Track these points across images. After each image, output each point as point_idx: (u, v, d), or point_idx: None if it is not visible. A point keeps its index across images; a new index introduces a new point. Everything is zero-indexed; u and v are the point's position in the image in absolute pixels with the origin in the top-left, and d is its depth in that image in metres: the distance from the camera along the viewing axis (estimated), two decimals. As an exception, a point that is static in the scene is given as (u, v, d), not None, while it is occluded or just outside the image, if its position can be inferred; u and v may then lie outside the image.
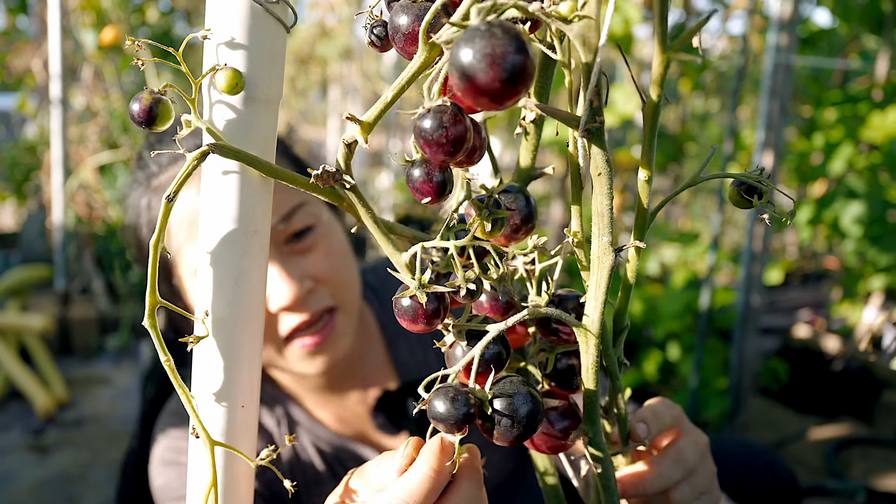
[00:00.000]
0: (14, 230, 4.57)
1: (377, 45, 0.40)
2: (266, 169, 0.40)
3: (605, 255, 0.38)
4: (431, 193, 0.37)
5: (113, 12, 2.93)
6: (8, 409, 2.37)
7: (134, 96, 0.38)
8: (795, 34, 1.69)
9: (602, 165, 0.36)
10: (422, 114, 0.34)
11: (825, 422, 2.29)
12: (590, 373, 0.41)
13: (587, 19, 0.32)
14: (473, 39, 0.28)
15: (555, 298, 0.42)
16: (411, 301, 0.38)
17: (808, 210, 2.25)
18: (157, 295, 0.39)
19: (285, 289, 0.74)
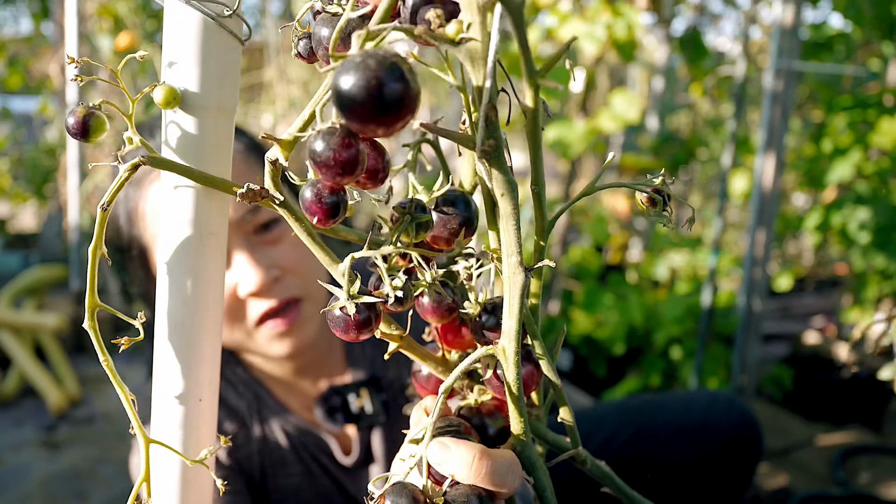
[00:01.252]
0: (35, 231, 4.66)
1: (304, 57, 0.41)
2: (200, 178, 0.42)
3: (515, 275, 0.38)
4: (321, 214, 0.37)
5: (129, 18, 2.98)
6: (22, 406, 2.43)
7: (69, 111, 0.40)
8: (798, 39, 1.68)
9: (503, 187, 0.35)
10: (312, 135, 0.34)
11: (833, 429, 2.27)
12: (513, 387, 0.41)
13: (473, 40, 0.32)
14: (348, 71, 0.29)
15: (488, 306, 0.43)
16: (341, 312, 0.39)
17: (816, 216, 2.23)
18: (97, 297, 0.41)
19: (253, 275, 0.78)
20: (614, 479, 0.51)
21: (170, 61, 0.41)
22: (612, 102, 2.00)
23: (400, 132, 0.31)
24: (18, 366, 2.48)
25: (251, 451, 0.92)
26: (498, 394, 0.44)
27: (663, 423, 1.17)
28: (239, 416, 0.92)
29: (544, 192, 0.39)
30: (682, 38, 2.60)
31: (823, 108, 2.57)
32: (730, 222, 4.45)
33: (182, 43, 0.41)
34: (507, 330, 0.39)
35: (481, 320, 0.43)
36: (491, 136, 0.34)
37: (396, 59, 0.29)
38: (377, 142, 0.38)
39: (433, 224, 0.40)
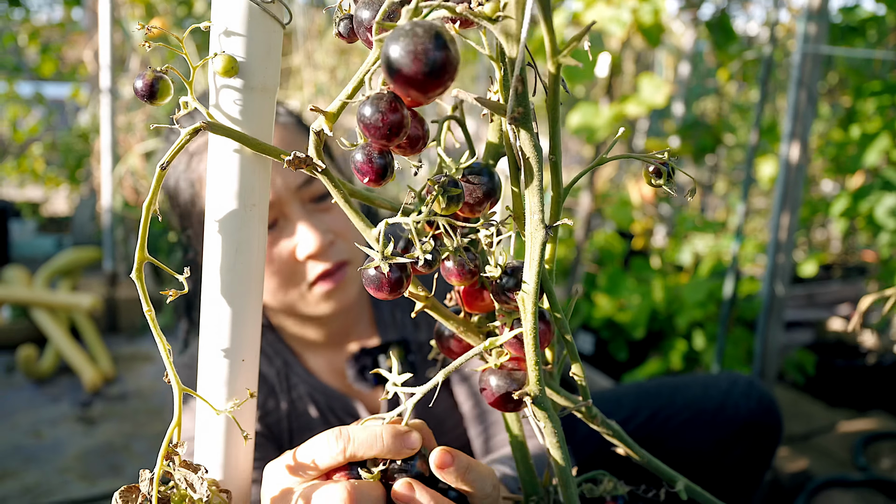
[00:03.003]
0: (68, 214, 4.78)
1: (344, 37, 0.44)
2: (253, 145, 0.45)
3: (536, 231, 0.41)
4: (372, 174, 0.41)
5: (160, 4, 3.04)
6: (58, 383, 2.51)
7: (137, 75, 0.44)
8: (826, 23, 1.67)
9: (529, 150, 0.39)
10: (362, 101, 0.38)
11: (855, 416, 2.27)
12: (529, 336, 0.44)
13: (508, 18, 0.35)
14: (398, 38, 0.32)
15: (508, 269, 0.46)
16: (376, 272, 0.42)
17: (843, 202, 2.22)
18: (146, 251, 0.45)
19: (312, 239, 0.85)
20: (625, 437, 0.54)
21: (218, 41, 0.45)
22: (639, 87, 2.01)
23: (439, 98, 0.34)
24: (54, 344, 2.57)
25: (280, 417, 0.96)
26: (515, 351, 0.47)
27: (682, 406, 1.18)
28: (268, 383, 0.97)
29: (560, 161, 0.42)
30: (709, 22, 2.58)
31: (852, 93, 2.54)
32: (756, 208, 4.42)
33: (229, 26, 0.44)
34: (527, 281, 0.42)
35: (502, 282, 0.45)
36: (520, 104, 0.37)
37: (441, 28, 0.32)
38: (418, 112, 0.41)
39: (463, 197, 0.43)
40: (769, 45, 1.77)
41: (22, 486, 1.83)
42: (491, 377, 0.48)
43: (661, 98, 1.88)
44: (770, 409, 1.16)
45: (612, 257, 2.40)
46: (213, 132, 0.43)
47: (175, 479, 0.44)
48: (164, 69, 0.43)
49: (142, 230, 0.43)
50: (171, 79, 0.44)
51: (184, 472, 0.44)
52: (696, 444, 1.15)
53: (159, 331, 0.44)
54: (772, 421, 1.16)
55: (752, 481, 1.20)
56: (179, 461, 0.44)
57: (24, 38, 4.81)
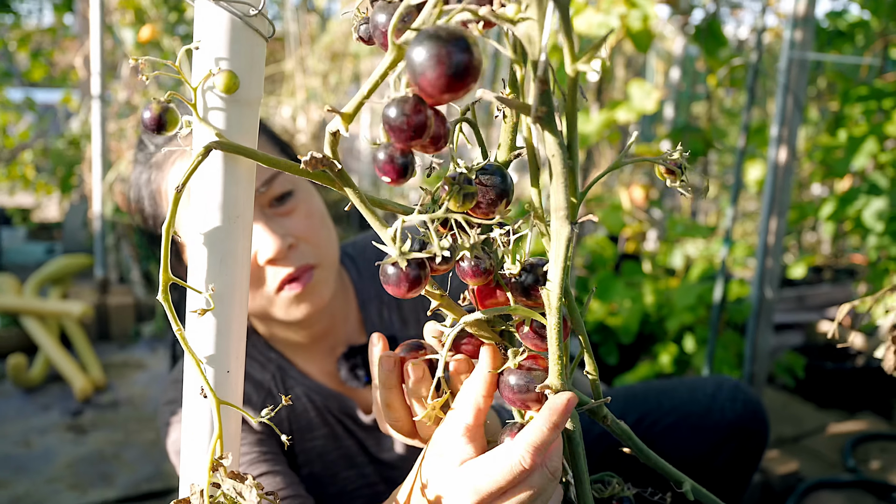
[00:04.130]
0: (58, 221, 4.76)
1: (364, 40, 0.45)
2: (263, 159, 0.46)
3: (561, 228, 0.41)
4: (393, 174, 0.41)
5: (151, 10, 3.04)
6: (48, 391, 2.50)
7: (144, 106, 0.44)
8: (811, 30, 1.69)
9: (554, 148, 0.39)
10: (387, 103, 0.38)
11: (845, 417, 2.28)
12: (553, 331, 0.45)
13: (530, 20, 0.37)
14: (423, 42, 0.33)
15: (527, 266, 0.47)
16: (395, 268, 0.43)
17: (831, 205, 2.24)
18: (170, 273, 0.45)
19: (270, 243, 0.84)
20: (633, 437, 0.55)
21: (201, 57, 0.45)
22: (629, 93, 2.02)
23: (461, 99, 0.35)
24: (44, 352, 2.56)
25: (280, 418, 0.98)
26: (532, 345, 0.48)
27: (669, 409, 1.19)
28: (265, 387, 0.98)
29: (577, 165, 0.43)
30: (698, 27, 2.60)
31: (839, 98, 2.56)
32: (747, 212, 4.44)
33: (212, 40, 0.45)
34: (552, 277, 0.43)
35: (521, 279, 0.46)
36: (544, 104, 0.38)
37: (464, 32, 0.33)
38: (440, 111, 0.42)
39: (477, 194, 0.44)
40: (756, 51, 1.79)
41: (11, 496, 1.82)
42: (510, 376, 0.48)
43: (651, 104, 1.89)
44: (756, 412, 1.17)
45: (604, 262, 2.41)
46: (222, 150, 0.43)
47: (223, 489, 0.45)
48: (168, 98, 0.44)
49: (164, 252, 0.43)
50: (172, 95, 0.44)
51: (231, 482, 0.45)
52: (683, 447, 1.16)
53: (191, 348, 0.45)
54: (758, 424, 1.17)
55: (740, 484, 1.21)
56: (225, 472, 0.45)
57: (14, 43, 4.80)
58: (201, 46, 0.45)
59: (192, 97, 0.45)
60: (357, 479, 1.02)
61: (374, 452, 1.03)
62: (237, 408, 0.48)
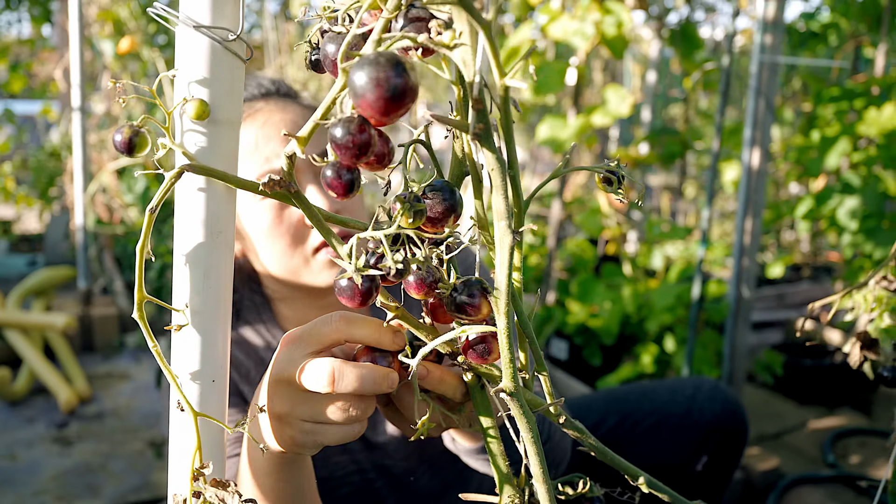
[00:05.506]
0: (40, 232, 4.72)
1: (315, 69, 0.48)
2: (231, 180, 0.48)
3: (504, 236, 0.43)
4: (340, 189, 0.44)
5: (130, 21, 3.04)
6: (33, 404, 2.49)
7: (116, 129, 0.46)
8: (781, 34, 1.73)
9: (493, 162, 0.42)
10: (333, 123, 0.41)
11: (825, 413, 2.32)
12: (503, 336, 0.46)
13: (464, 45, 0.39)
14: (363, 67, 0.36)
15: (457, 286, 0.49)
16: (348, 282, 0.46)
17: (806, 204, 2.28)
18: (144, 291, 0.47)
19: (322, 204, 0.90)
20: (589, 436, 0.57)
21: (183, 80, 0.47)
22: (605, 97, 2.05)
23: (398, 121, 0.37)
24: (28, 365, 2.54)
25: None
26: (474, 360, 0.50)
27: (649, 411, 1.22)
28: (266, 363, 1.01)
29: (518, 174, 0.46)
30: (673, 31, 2.64)
31: (812, 99, 2.62)
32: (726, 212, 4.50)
33: (192, 64, 0.47)
34: (499, 283, 0.45)
35: (455, 295, 0.48)
36: (481, 121, 0.40)
37: (400, 58, 0.36)
38: (383, 131, 0.45)
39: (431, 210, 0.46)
40: (727, 55, 1.83)
41: (-2, 510, 1.82)
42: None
43: (625, 108, 1.92)
44: (735, 411, 1.20)
45: (584, 264, 2.44)
46: (195, 173, 0.45)
47: (206, 497, 0.46)
48: (141, 122, 0.46)
49: (138, 271, 0.45)
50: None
51: (213, 490, 0.47)
52: (664, 448, 1.19)
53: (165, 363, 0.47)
54: (737, 423, 1.20)
55: (721, 483, 1.23)
56: (206, 481, 0.46)
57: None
58: (182, 69, 0.47)
59: (167, 120, 0.47)
60: (348, 465, 1.03)
61: (369, 436, 1.04)
62: (218, 422, 0.49)
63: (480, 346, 0.50)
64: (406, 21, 0.43)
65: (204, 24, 0.45)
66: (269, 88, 1.02)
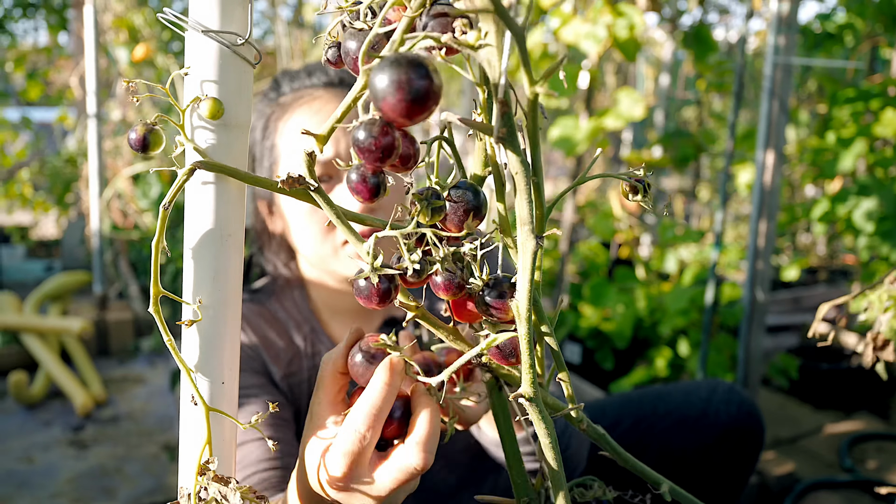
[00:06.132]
0: (57, 238, 4.78)
1: (332, 62, 0.47)
2: (244, 177, 0.48)
3: (526, 241, 0.43)
4: (366, 193, 0.44)
5: (145, 29, 3.07)
6: (50, 407, 2.51)
7: (131, 128, 0.47)
8: (794, 35, 1.71)
9: (517, 166, 0.41)
10: (355, 126, 0.40)
11: (841, 418, 2.30)
12: (524, 340, 0.46)
13: (489, 46, 0.38)
14: (384, 68, 0.35)
15: (490, 280, 0.48)
16: (366, 282, 0.45)
17: (822, 206, 2.26)
18: (160, 286, 0.47)
19: (354, 203, 0.90)
20: (609, 441, 0.57)
21: (192, 83, 0.47)
22: (618, 100, 2.05)
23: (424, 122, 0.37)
24: (45, 368, 2.57)
25: (302, 379, 1.02)
26: (497, 360, 0.50)
27: (664, 413, 1.21)
28: (295, 346, 1.03)
29: (542, 180, 0.45)
30: (686, 33, 2.63)
31: (827, 100, 2.59)
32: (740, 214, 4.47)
33: (202, 67, 0.47)
34: (520, 288, 0.44)
35: (484, 294, 0.48)
36: (505, 124, 0.40)
37: (423, 58, 0.35)
38: (408, 132, 0.44)
39: (446, 208, 0.46)
40: (741, 57, 1.81)
41: (14, 513, 1.84)
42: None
43: (638, 111, 1.91)
44: (751, 413, 1.18)
45: (596, 268, 2.43)
46: (206, 170, 0.46)
47: (210, 492, 0.47)
48: (155, 120, 0.46)
49: (153, 267, 0.45)
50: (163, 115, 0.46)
51: (216, 485, 0.47)
52: (680, 450, 1.18)
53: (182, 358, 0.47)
54: (753, 425, 1.18)
55: (737, 486, 1.22)
56: (212, 475, 0.47)
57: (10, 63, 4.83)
58: (192, 73, 0.47)
59: (182, 120, 0.48)
60: None
61: None
62: (230, 416, 0.50)
63: (508, 347, 0.50)
64: (430, 18, 0.43)
65: (213, 29, 0.46)
66: (333, 79, 1.03)
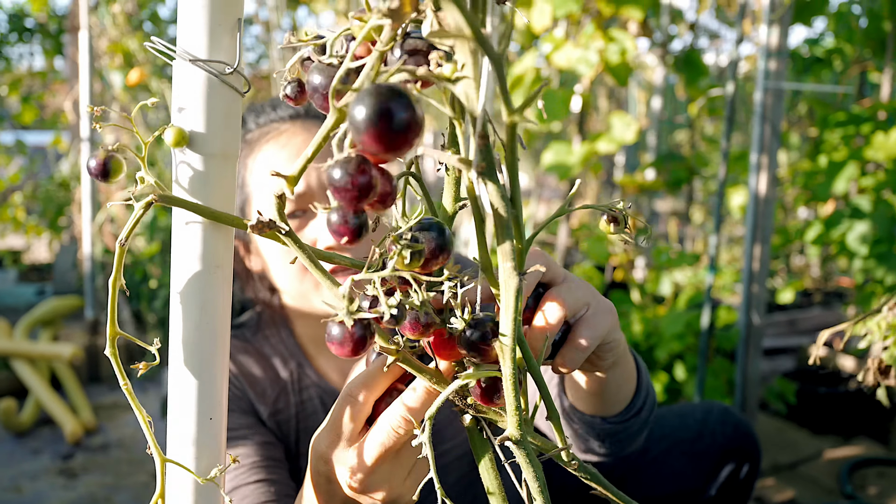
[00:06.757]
0: (49, 262, 4.75)
1: (292, 98, 0.46)
2: (205, 213, 0.46)
3: (509, 279, 0.41)
4: (349, 234, 0.41)
5: (139, 54, 3.08)
6: (39, 435, 2.47)
7: (91, 155, 0.46)
8: (785, 60, 1.73)
9: (497, 200, 0.40)
10: (330, 165, 0.38)
11: (840, 443, 2.28)
12: (509, 381, 0.44)
13: (467, 78, 0.37)
14: (364, 100, 0.34)
15: (472, 322, 0.47)
16: (341, 327, 0.43)
17: (815, 229, 2.26)
18: (117, 327, 0.46)
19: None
20: (601, 479, 0.55)
21: (179, 110, 0.47)
22: (610, 124, 2.06)
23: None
24: (35, 395, 2.53)
25: (289, 416, 1.00)
26: (482, 402, 0.48)
27: (659, 437, 1.19)
28: (281, 381, 1.01)
29: (521, 214, 0.43)
30: (677, 58, 2.65)
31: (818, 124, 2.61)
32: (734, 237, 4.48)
33: (189, 96, 0.46)
34: (504, 328, 0.43)
35: (467, 334, 0.46)
36: (484, 159, 0.39)
37: (404, 89, 0.34)
38: (385, 168, 0.42)
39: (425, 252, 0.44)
40: (732, 81, 1.83)
41: (0, 544, 1.80)
42: None
43: (630, 135, 1.92)
44: (747, 434, 1.17)
45: (592, 291, 2.42)
46: (165, 203, 0.44)
47: None
48: (115, 147, 0.45)
49: (110, 306, 0.44)
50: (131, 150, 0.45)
51: None
52: (676, 474, 1.16)
53: (138, 403, 0.45)
54: (749, 447, 1.17)
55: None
56: None
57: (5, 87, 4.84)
58: (179, 102, 0.46)
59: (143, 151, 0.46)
60: None
61: None
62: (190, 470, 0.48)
63: (491, 388, 0.49)
64: (403, 52, 0.42)
65: (200, 58, 0.45)
66: (299, 111, 1.01)
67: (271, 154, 0.94)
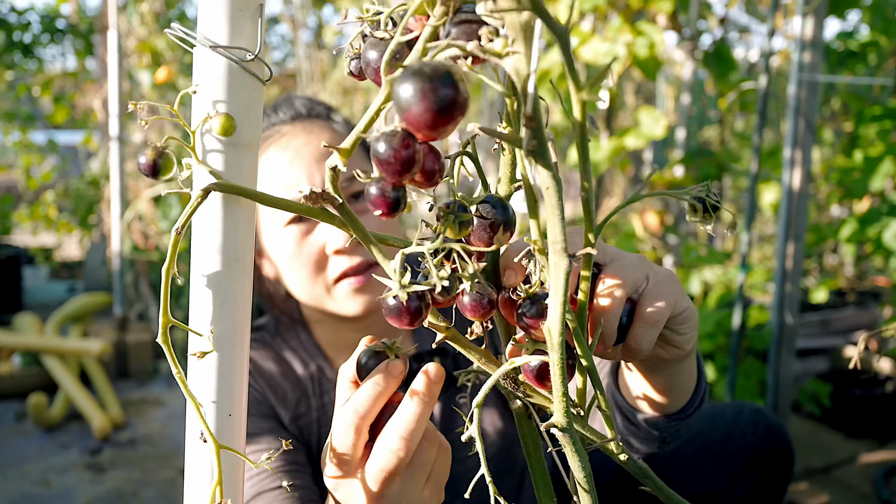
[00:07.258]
0: (80, 259, 4.83)
1: (355, 75, 0.46)
2: (259, 198, 0.46)
3: (559, 261, 0.40)
4: (384, 208, 0.41)
5: (167, 52, 3.11)
6: (68, 430, 2.51)
7: (140, 151, 0.45)
8: (820, 52, 1.68)
9: (548, 181, 0.38)
10: (375, 137, 0.38)
11: (876, 446, 2.22)
12: (556, 368, 0.43)
13: (517, 54, 0.36)
14: (408, 78, 0.33)
15: (531, 296, 0.45)
16: (395, 301, 0.43)
17: (850, 227, 2.20)
18: (170, 315, 0.45)
19: (340, 233, 0.87)
20: (650, 475, 0.53)
21: (201, 101, 0.45)
22: (638, 119, 2.02)
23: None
24: (64, 390, 2.57)
25: (311, 420, 0.98)
26: (533, 383, 0.47)
27: (688, 438, 1.17)
28: (302, 385, 1.00)
29: (592, 195, 0.42)
30: (706, 52, 2.60)
31: (853, 118, 2.54)
32: (765, 235, 4.40)
33: (210, 84, 0.45)
34: (552, 312, 0.41)
35: (522, 309, 0.45)
36: (535, 137, 0.37)
37: (449, 67, 0.33)
38: (433, 146, 0.42)
39: (474, 221, 0.44)
40: (764, 75, 1.78)
41: (30, 537, 1.82)
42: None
43: (659, 130, 1.88)
44: (779, 435, 1.14)
45: (619, 290, 2.38)
46: (221, 192, 0.44)
47: None
48: (164, 143, 0.45)
49: (163, 295, 0.43)
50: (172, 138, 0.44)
51: None
52: (706, 475, 1.13)
53: (190, 391, 0.45)
54: (781, 447, 1.14)
55: None
56: None
57: (37, 88, 4.92)
58: (200, 91, 0.45)
59: (192, 140, 0.46)
60: None
61: None
62: (239, 453, 0.47)
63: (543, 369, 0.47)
64: (453, 26, 0.41)
65: (221, 44, 0.44)
66: (300, 111, 1.00)
67: (274, 157, 0.94)
